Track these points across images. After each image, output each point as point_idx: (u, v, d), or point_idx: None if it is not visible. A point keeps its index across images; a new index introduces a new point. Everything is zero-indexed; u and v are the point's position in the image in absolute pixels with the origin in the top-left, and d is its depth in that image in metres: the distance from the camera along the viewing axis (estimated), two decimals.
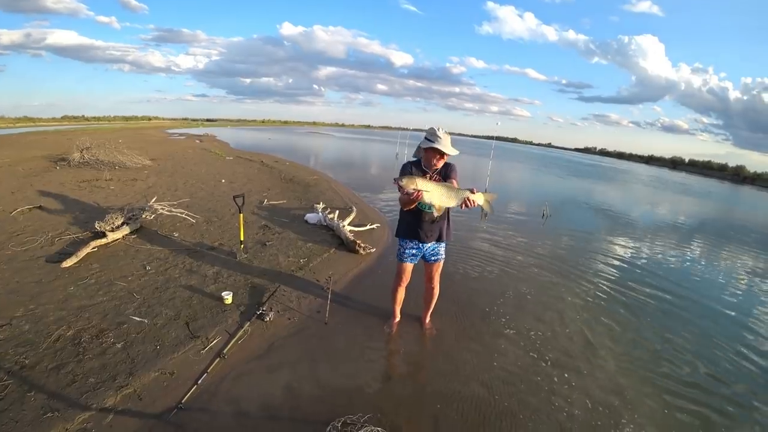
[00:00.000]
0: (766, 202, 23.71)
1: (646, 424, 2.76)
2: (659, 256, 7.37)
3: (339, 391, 2.79)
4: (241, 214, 4.79)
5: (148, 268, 4.32)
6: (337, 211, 6.71)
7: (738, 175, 45.62)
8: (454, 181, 2.92)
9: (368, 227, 6.45)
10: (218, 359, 2.95)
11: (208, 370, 2.83)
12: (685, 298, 5.19)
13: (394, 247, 5.78)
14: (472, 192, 2.72)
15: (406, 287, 3.50)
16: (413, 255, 3.27)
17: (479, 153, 30.66)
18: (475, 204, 2.75)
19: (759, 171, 44.16)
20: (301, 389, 2.76)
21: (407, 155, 17.71)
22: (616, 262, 6.43)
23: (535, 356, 3.42)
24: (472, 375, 3.11)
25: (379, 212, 8.22)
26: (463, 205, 2.73)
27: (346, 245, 5.42)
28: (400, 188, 2.72)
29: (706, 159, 57.00)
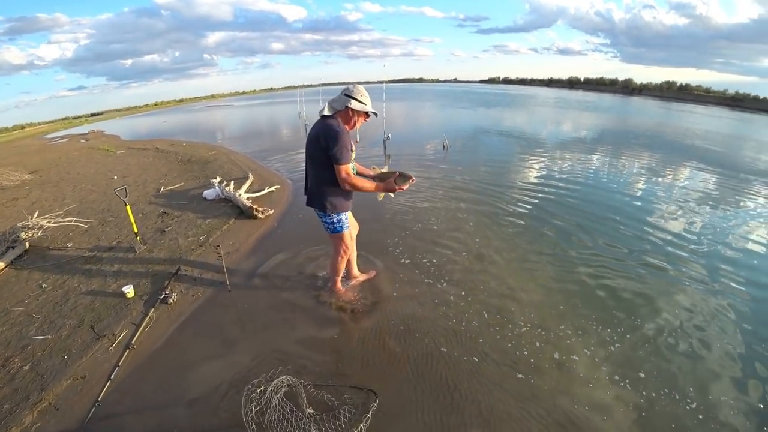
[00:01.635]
0: (652, 108, 25.89)
1: (535, 318, 3.13)
2: (566, 168, 7.89)
3: (248, 353, 2.83)
4: (128, 206, 4.49)
5: (44, 286, 3.97)
6: (233, 182, 6.49)
7: (627, 88, 48.60)
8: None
9: (267, 191, 6.34)
10: (128, 351, 2.91)
11: (120, 364, 2.79)
12: (590, 202, 5.78)
13: (295, 205, 5.87)
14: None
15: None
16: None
17: (378, 98, 30.31)
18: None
19: (644, 82, 48.00)
20: (213, 360, 2.79)
21: (308, 113, 17.10)
22: (521, 182, 6.85)
23: (431, 281, 3.66)
24: (372, 308, 3.28)
25: (279, 173, 8.07)
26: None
27: (245, 213, 5.33)
28: (400, 189, 2.77)
29: (599, 76, 59.40)
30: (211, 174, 7.95)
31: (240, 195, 5.71)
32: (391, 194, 2.89)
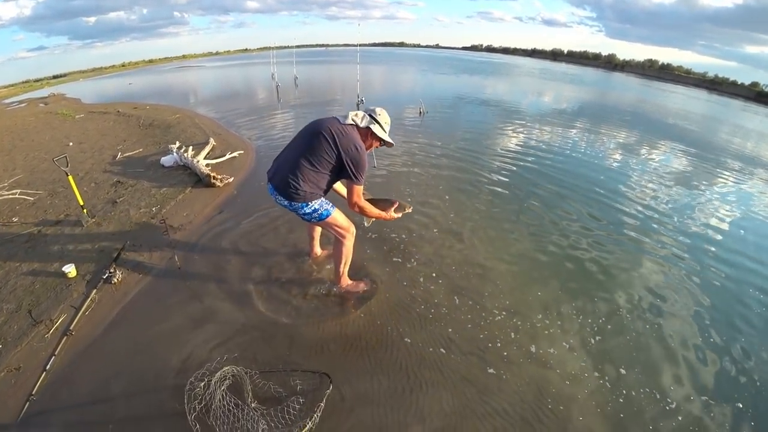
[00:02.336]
0: (634, 85, 25.44)
1: (511, 305, 3.00)
2: (545, 138, 7.73)
3: (196, 339, 2.58)
4: (70, 177, 4.04)
5: None
6: (191, 148, 6.01)
7: (610, 63, 48.25)
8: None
9: (228, 156, 5.90)
10: (65, 338, 2.63)
11: (56, 352, 2.52)
12: (567, 171, 5.63)
13: (257, 172, 5.48)
14: None
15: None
16: None
17: (352, 61, 28.95)
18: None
19: (627, 59, 47.34)
20: (157, 346, 2.54)
21: (279, 75, 16.14)
22: (499, 150, 6.71)
23: (399, 260, 3.42)
24: (331, 291, 3.01)
25: (243, 138, 7.55)
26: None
27: (202, 181, 4.93)
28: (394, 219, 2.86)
29: (583, 49, 58.54)
30: (172, 139, 7.38)
31: (198, 162, 5.28)
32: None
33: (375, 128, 2.49)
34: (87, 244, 3.75)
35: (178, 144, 6.34)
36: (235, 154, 6.04)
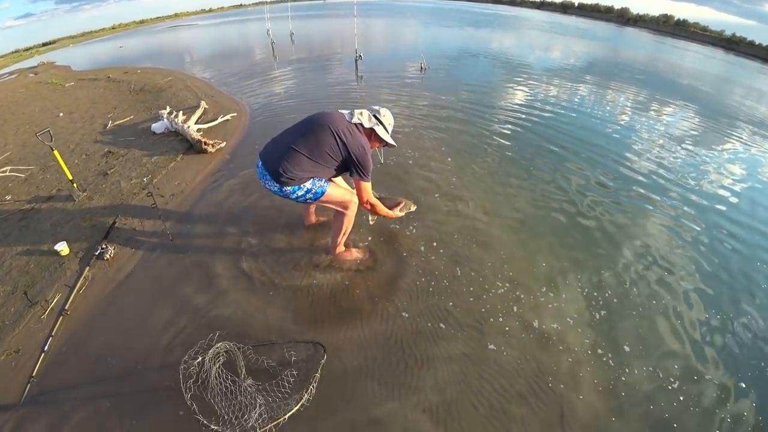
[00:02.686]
0: (647, 42, 23.63)
1: (515, 277, 2.92)
2: (553, 95, 7.28)
3: (191, 314, 2.52)
4: (55, 151, 3.87)
5: None
6: (182, 113, 5.74)
7: (623, 17, 44.89)
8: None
9: (221, 120, 5.65)
10: (61, 318, 2.57)
11: (53, 333, 2.47)
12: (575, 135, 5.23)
13: (252, 135, 5.25)
14: None
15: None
16: None
17: (348, 14, 27.34)
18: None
19: (641, 13, 44.05)
20: (152, 323, 2.48)
21: (274, 31, 15.25)
22: (504, 106, 6.30)
23: (397, 226, 3.24)
24: (329, 261, 2.89)
25: (238, 99, 7.22)
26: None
27: (194, 147, 4.73)
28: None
29: (594, 2, 54.28)
30: (164, 104, 7.07)
31: (189, 127, 5.04)
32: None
33: (379, 130, 2.47)
34: (79, 219, 3.64)
35: (168, 109, 6.06)
36: (227, 117, 5.77)
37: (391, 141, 2.56)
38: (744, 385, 2.11)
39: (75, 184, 4.04)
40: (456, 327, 2.39)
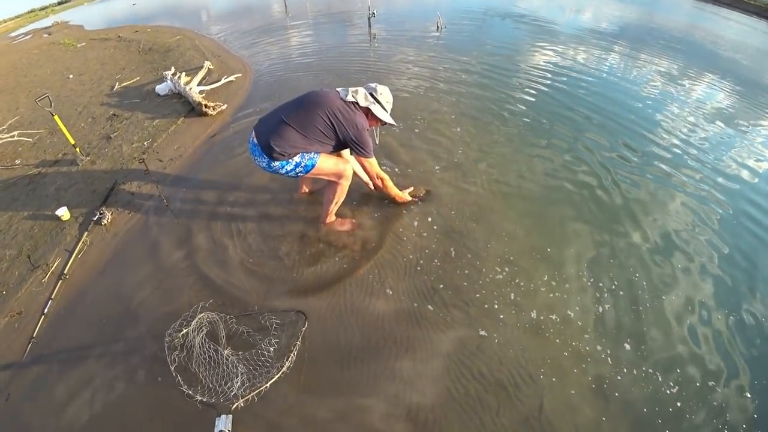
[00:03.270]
0: (685, 7, 21.24)
1: (515, 261, 2.78)
2: (581, 60, 6.57)
3: (182, 281, 2.51)
4: (56, 116, 3.85)
5: None
6: (185, 74, 5.61)
7: None
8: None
9: (224, 81, 5.50)
10: (60, 281, 2.63)
11: (53, 296, 2.54)
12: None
13: (254, 97, 5.10)
14: None
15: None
16: None
17: None
18: None
19: None
20: (145, 289, 2.50)
21: None
22: (524, 70, 5.65)
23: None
24: (321, 232, 2.79)
25: (245, 59, 7.00)
26: None
27: (195, 110, 4.64)
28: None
29: None
30: (170, 64, 6.93)
31: (191, 88, 4.93)
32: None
33: (375, 109, 2.39)
34: (81, 184, 3.65)
35: (173, 70, 5.94)
36: (231, 78, 5.61)
37: (389, 120, 2.47)
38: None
39: (78, 149, 4.03)
40: (444, 310, 2.24)
